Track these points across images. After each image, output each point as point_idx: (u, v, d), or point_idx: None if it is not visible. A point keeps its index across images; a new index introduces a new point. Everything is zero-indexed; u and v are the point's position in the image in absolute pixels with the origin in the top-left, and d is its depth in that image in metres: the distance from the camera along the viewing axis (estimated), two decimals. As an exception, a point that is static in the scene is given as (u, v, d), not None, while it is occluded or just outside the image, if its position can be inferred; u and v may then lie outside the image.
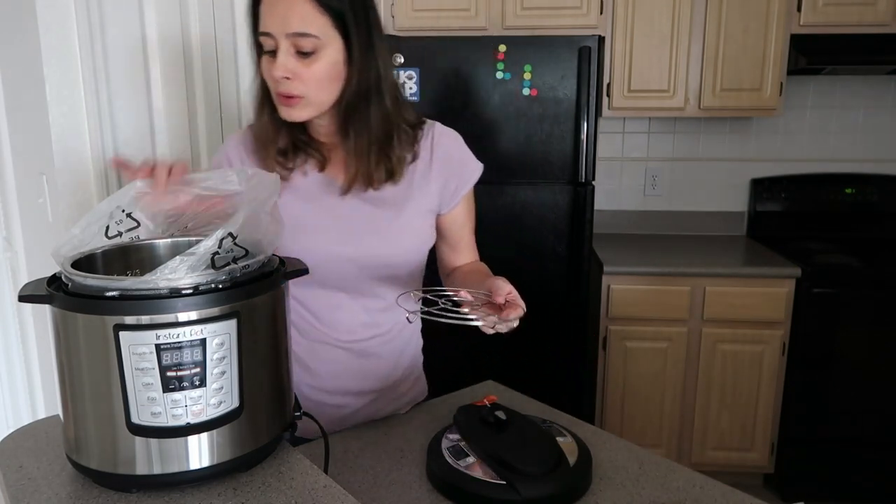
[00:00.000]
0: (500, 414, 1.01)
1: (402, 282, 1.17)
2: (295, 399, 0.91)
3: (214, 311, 0.74)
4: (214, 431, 0.76)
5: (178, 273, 0.73)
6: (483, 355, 2.41)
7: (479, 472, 0.93)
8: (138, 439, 0.74)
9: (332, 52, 1.00)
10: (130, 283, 0.73)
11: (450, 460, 0.96)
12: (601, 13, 2.47)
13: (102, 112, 1.53)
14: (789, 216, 2.85)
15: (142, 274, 0.75)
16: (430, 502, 0.94)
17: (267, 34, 0.99)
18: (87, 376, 0.75)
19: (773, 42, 2.47)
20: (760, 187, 2.86)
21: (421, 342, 1.29)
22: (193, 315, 0.73)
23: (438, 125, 1.17)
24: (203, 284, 0.74)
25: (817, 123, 2.86)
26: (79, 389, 0.76)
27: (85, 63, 1.46)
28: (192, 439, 0.75)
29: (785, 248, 2.62)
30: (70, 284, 0.75)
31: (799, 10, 2.46)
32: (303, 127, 1.11)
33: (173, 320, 0.72)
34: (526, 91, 2.28)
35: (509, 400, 1.22)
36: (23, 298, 0.77)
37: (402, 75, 2.28)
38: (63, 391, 0.78)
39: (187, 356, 0.73)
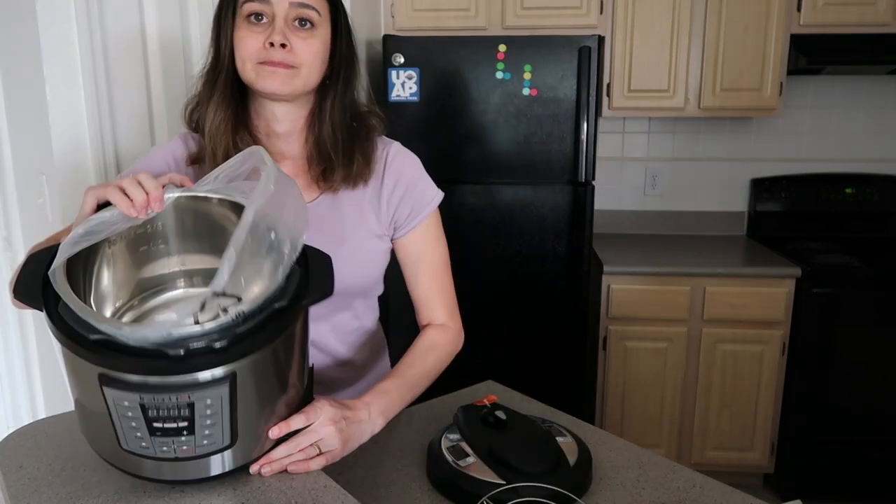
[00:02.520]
0: (500, 414, 1.01)
1: (355, 307, 1.13)
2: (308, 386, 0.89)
3: (206, 375, 0.68)
4: (208, 458, 0.75)
5: (173, 331, 0.66)
6: (483, 355, 2.41)
7: (479, 472, 0.93)
8: (135, 457, 0.73)
9: (324, 32, 1.01)
10: (117, 330, 0.67)
11: (450, 460, 0.96)
12: (601, 13, 2.47)
13: (102, 112, 1.52)
14: (789, 216, 2.85)
15: (144, 299, 0.72)
16: (430, 502, 0.94)
17: (262, 0, 0.96)
18: (82, 397, 0.74)
19: (773, 42, 2.47)
20: (760, 187, 2.86)
21: (387, 362, 1.26)
22: (183, 379, 0.67)
23: (396, 144, 1.12)
24: (195, 344, 0.67)
25: (817, 123, 2.86)
26: (80, 402, 0.75)
27: (85, 63, 1.46)
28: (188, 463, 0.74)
29: (785, 248, 2.62)
30: (58, 303, 0.69)
31: (799, 10, 2.46)
32: (245, 128, 1.05)
33: (159, 383, 0.67)
34: (526, 91, 2.28)
35: (509, 400, 1.21)
36: (17, 293, 0.73)
37: (402, 75, 2.28)
38: (73, 396, 0.77)
39: (174, 413, 0.69)
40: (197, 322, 0.68)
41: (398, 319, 1.95)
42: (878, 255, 2.56)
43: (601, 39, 2.38)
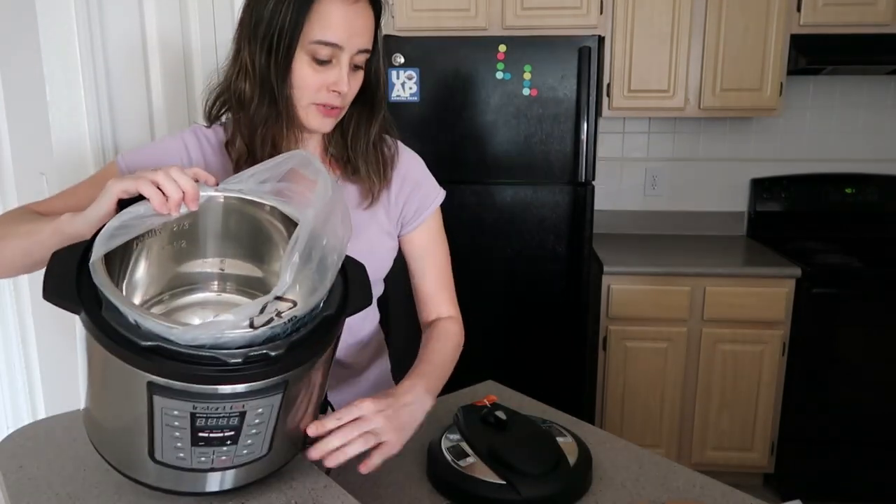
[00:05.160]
0: (500, 414, 1.01)
1: None
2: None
3: (260, 384, 0.66)
4: (237, 469, 0.73)
5: (225, 335, 0.64)
6: (483, 355, 2.41)
7: (479, 472, 0.93)
8: (158, 466, 0.70)
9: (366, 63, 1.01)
10: (168, 331, 0.63)
11: (450, 460, 0.96)
12: (601, 13, 2.47)
13: (102, 112, 1.52)
14: (789, 216, 2.85)
15: (174, 296, 0.70)
16: (430, 502, 0.94)
17: (334, 45, 0.92)
18: (112, 402, 0.70)
19: (773, 42, 2.47)
20: (760, 187, 2.86)
21: (387, 362, 1.26)
22: (239, 388, 0.65)
23: (401, 144, 1.14)
24: (253, 353, 0.64)
25: (817, 123, 2.86)
26: (103, 405, 0.72)
27: (85, 63, 1.46)
28: (214, 474, 0.72)
29: (785, 248, 2.62)
30: (102, 304, 0.65)
31: (799, 10, 2.46)
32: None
33: (213, 392, 0.64)
34: (526, 91, 2.28)
35: (509, 400, 1.21)
36: (48, 294, 0.67)
37: (402, 75, 2.28)
38: (87, 393, 0.72)
39: (223, 423, 0.67)
40: (252, 326, 0.65)
41: (398, 320, 1.95)
42: (878, 255, 2.56)
43: (601, 39, 2.38)
